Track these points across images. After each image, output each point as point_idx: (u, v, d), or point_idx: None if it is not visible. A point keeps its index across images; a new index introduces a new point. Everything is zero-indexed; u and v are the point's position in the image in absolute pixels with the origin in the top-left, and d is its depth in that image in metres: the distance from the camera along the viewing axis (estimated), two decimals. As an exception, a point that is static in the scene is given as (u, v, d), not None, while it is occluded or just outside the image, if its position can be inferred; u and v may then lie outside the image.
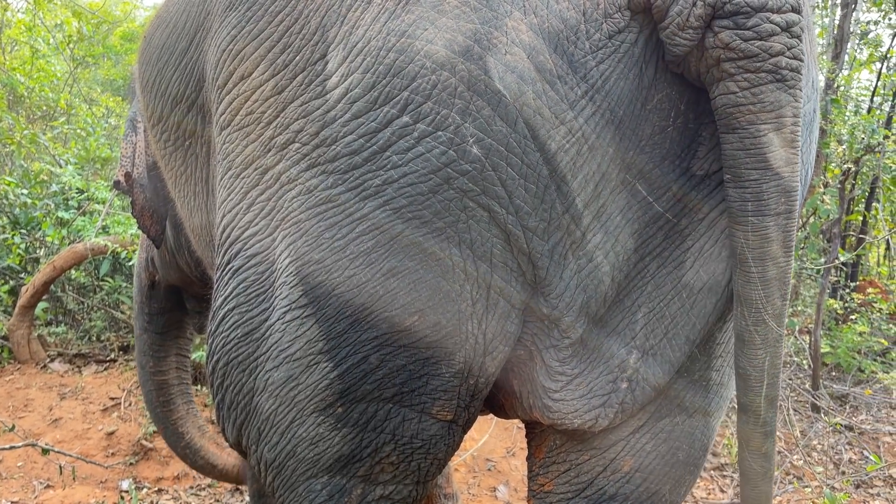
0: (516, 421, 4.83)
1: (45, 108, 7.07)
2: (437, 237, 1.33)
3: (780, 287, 1.38)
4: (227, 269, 1.53)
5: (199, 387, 5.02)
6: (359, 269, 1.35)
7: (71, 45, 7.45)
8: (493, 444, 4.65)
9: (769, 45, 1.26)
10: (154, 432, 4.48)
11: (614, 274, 1.45)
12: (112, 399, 4.86)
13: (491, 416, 3.08)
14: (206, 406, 4.87)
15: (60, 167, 5.89)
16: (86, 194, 5.69)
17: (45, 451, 3.85)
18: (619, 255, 1.44)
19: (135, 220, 3.03)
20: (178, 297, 3.51)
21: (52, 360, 5.40)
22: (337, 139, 1.34)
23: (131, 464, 4.27)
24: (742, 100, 1.29)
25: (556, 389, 1.52)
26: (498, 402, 1.68)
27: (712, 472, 4.53)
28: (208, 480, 4.14)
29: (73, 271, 5.43)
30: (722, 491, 4.33)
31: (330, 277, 1.37)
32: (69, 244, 5.34)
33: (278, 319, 1.45)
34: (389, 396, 1.45)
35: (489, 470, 4.43)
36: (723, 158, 1.36)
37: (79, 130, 6.60)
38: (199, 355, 4.76)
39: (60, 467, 3.92)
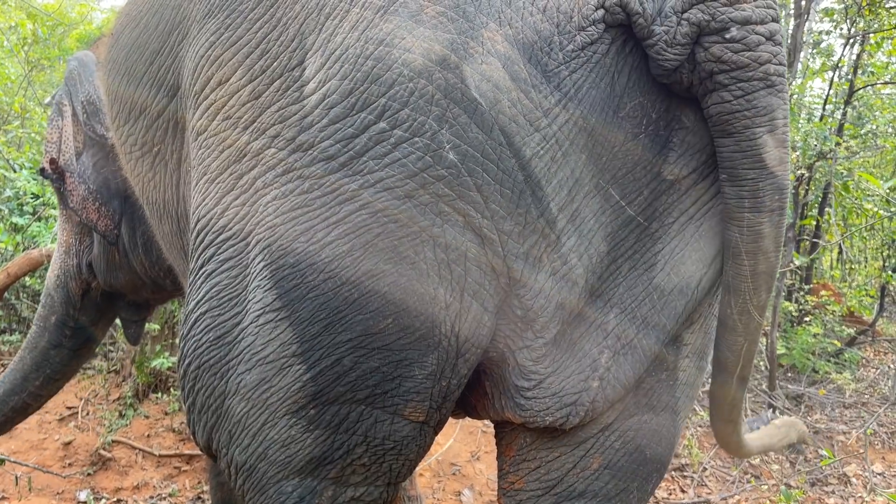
0: (481, 425, 4.86)
1: (-2, 111, 6.92)
2: (412, 241, 1.35)
3: (768, 280, 1.47)
4: (200, 273, 1.53)
5: (158, 394, 4.95)
6: (334, 273, 1.36)
7: (26, 48, 7.29)
8: (457, 448, 4.66)
9: (758, 55, 1.34)
10: (113, 442, 4.40)
11: (587, 276, 1.48)
12: (69, 408, 4.76)
13: (455, 420, 3.06)
14: (166, 413, 4.80)
15: (15, 172, 5.76)
16: (41, 199, 5.57)
17: (0, 462, 3.76)
18: (593, 258, 1.47)
19: (75, 213, 2.87)
20: (111, 307, 3.36)
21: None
22: (313, 144, 1.35)
23: (89, 474, 4.19)
24: (737, 107, 1.37)
25: (528, 388, 1.54)
26: (469, 402, 1.70)
27: (673, 472, 4.60)
28: (168, 490, 4.09)
29: (27, 278, 5.31)
30: (682, 491, 4.40)
31: (304, 281, 1.38)
32: (24, 250, 5.22)
33: (251, 323, 1.45)
34: (362, 398, 1.46)
35: (454, 474, 4.44)
36: (719, 161, 1.44)
37: (33, 134, 6.47)
38: (159, 362, 4.70)
39: (16, 478, 3.83)
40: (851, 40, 6.46)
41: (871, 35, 6.18)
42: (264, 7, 1.44)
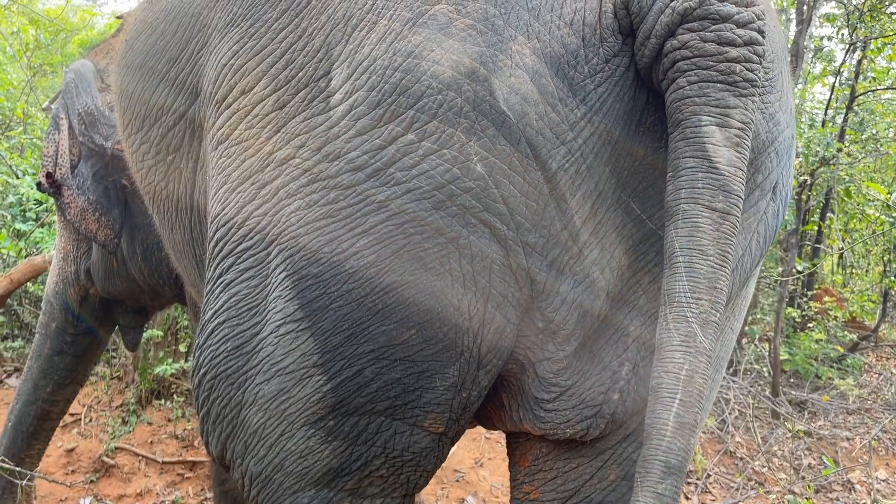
0: (484, 431, 4.86)
1: (0, 117, 6.91)
2: (438, 252, 1.34)
3: (710, 289, 1.27)
4: (218, 282, 1.52)
5: (162, 401, 4.94)
6: (358, 283, 1.35)
7: (28, 54, 7.30)
8: (461, 454, 4.65)
9: (726, 51, 1.29)
10: (116, 448, 4.39)
11: (609, 288, 1.48)
12: (71, 415, 4.74)
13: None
14: (169, 420, 4.79)
15: (18, 178, 5.75)
16: (44, 206, 5.57)
17: (3, 469, 3.74)
18: (614, 271, 1.47)
19: (73, 225, 2.91)
20: (109, 313, 3.40)
21: (9, 376, 5.27)
22: (340, 155, 1.35)
23: (92, 481, 4.17)
24: (689, 93, 1.29)
25: (548, 400, 1.53)
26: (485, 413, 1.69)
27: (677, 479, 4.59)
28: (172, 497, 4.08)
29: (30, 284, 5.31)
30: (686, 498, 4.39)
31: (328, 291, 1.37)
32: (27, 256, 5.22)
33: (271, 333, 1.44)
34: (382, 409, 1.45)
35: (457, 481, 4.43)
36: (668, 156, 1.33)
37: (35, 140, 6.46)
38: (162, 369, 4.69)
39: (20, 486, 3.81)
40: (852, 46, 6.48)
41: (872, 41, 6.20)
42: (289, 17, 1.44)
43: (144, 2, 1.99)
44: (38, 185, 2.88)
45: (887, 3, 5.98)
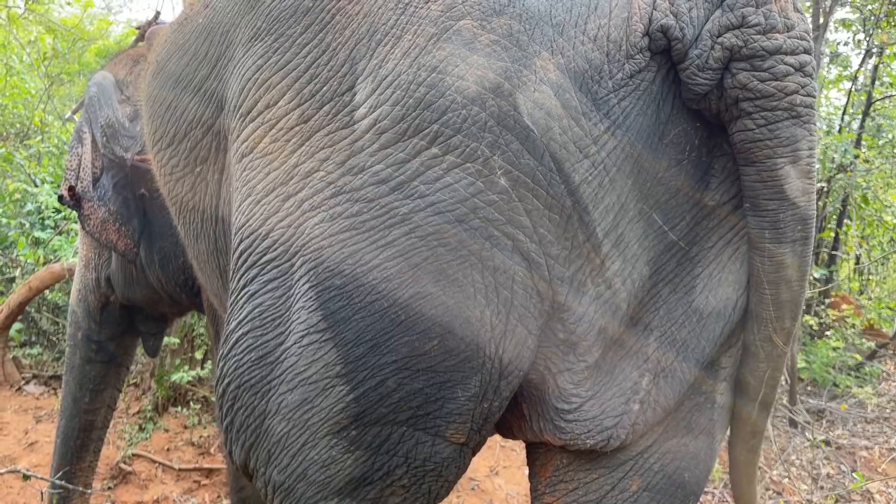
0: (499, 439, 4.85)
1: (18, 125, 6.98)
2: (461, 264, 1.35)
3: (792, 309, 1.46)
4: (242, 293, 1.53)
5: (178, 408, 4.97)
6: (381, 295, 1.36)
7: (45, 63, 7.38)
8: (476, 462, 4.64)
9: (784, 85, 1.34)
10: (133, 455, 4.41)
11: (630, 300, 1.49)
12: (89, 421, 4.78)
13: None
14: (186, 427, 4.81)
15: (36, 186, 5.81)
16: (62, 214, 5.63)
17: (25, 478, 3.77)
18: (636, 282, 1.48)
19: (93, 236, 2.99)
20: (131, 321, 3.45)
21: (28, 383, 5.31)
22: (364, 168, 1.36)
23: (109, 488, 4.20)
24: (759, 136, 1.36)
25: (569, 410, 1.54)
26: (506, 423, 1.69)
27: (694, 488, 4.55)
28: None
29: (48, 292, 5.36)
30: (703, 507, 4.37)
31: (351, 302, 1.38)
32: (45, 264, 5.27)
33: (295, 343, 1.45)
34: (404, 420, 1.45)
35: (473, 489, 4.42)
36: (742, 189, 1.43)
37: (53, 149, 6.52)
38: (179, 376, 4.72)
39: (42, 493, 3.84)
40: (868, 51, 6.45)
41: (888, 46, 6.17)
42: (313, 32, 1.45)
43: (175, 22, 2.02)
44: (60, 197, 2.94)
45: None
